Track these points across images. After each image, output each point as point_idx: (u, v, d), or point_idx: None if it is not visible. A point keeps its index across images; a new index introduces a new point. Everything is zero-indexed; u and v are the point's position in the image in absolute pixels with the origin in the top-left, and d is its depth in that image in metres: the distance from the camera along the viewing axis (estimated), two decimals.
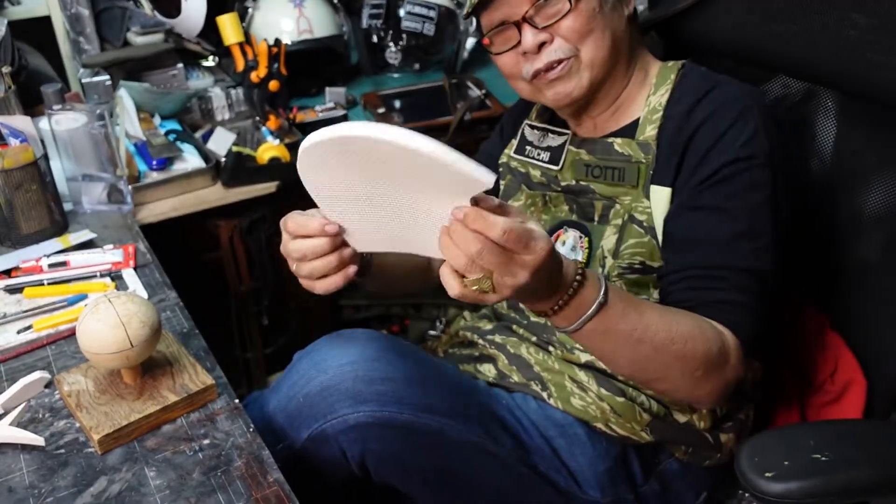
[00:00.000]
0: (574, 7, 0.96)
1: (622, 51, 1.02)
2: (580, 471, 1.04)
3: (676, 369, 0.87)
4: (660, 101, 1.02)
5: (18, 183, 1.22)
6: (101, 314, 0.85)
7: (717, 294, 0.92)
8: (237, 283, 1.69)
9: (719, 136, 0.95)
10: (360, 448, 0.96)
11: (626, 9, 1.02)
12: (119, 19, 1.70)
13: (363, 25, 1.95)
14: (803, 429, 0.96)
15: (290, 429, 0.98)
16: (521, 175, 1.16)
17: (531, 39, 0.98)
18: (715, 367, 0.88)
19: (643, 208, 1.00)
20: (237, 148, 1.53)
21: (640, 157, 1.01)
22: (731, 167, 0.94)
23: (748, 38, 1.12)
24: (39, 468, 0.84)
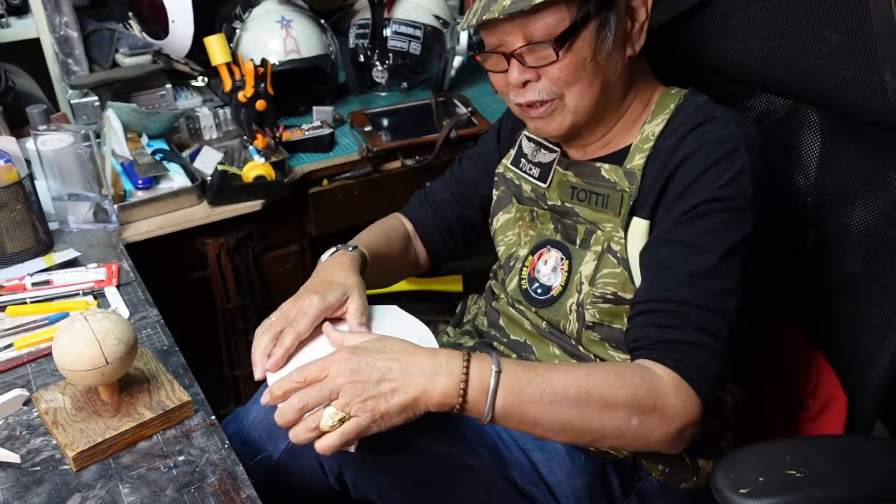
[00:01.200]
0: (560, 59, 0.94)
1: (615, 94, 1.01)
2: (558, 485, 1.04)
3: (607, 422, 0.86)
4: (654, 130, 1.01)
5: (3, 202, 1.23)
6: (76, 332, 0.86)
7: (671, 333, 0.90)
8: (224, 301, 1.69)
9: (701, 173, 0.94)
10: (338, 460, 0.96)
11: (630, 48, 1.00)
12: (107, 41, 1.72)
13: (350, 45, 1.97)
14: (779, 445, 0.95)
15: (268, 440, 0.98)
16: (515, 187, 1.17)
17: (516, 76, 0.98)
18: (648, 411, 0.86)
19: (619, 239, 1.00)
20: (222, 167, 1.54)
21: (625, 186, 1.00)
22: (708, 205, 0.93)
23: (726, 55, 1.13)
24: (14, 485, 0.84)
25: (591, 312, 1.01)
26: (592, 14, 0.93)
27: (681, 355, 0.89)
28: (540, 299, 1.09)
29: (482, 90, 2.09)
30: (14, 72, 1.68)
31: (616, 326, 1.01)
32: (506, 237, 1.18)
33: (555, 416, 0.85)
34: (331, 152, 1.74)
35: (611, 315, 1.01)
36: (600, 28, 0.95)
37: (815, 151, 1.11)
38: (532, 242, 1.14)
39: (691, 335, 0.90)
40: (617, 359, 1.03)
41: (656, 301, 0.93)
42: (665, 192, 0.97)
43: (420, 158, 1.76)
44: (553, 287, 1.07)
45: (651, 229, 0.98)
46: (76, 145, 1.33)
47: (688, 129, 0.98)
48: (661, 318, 0.92)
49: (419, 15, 1.93)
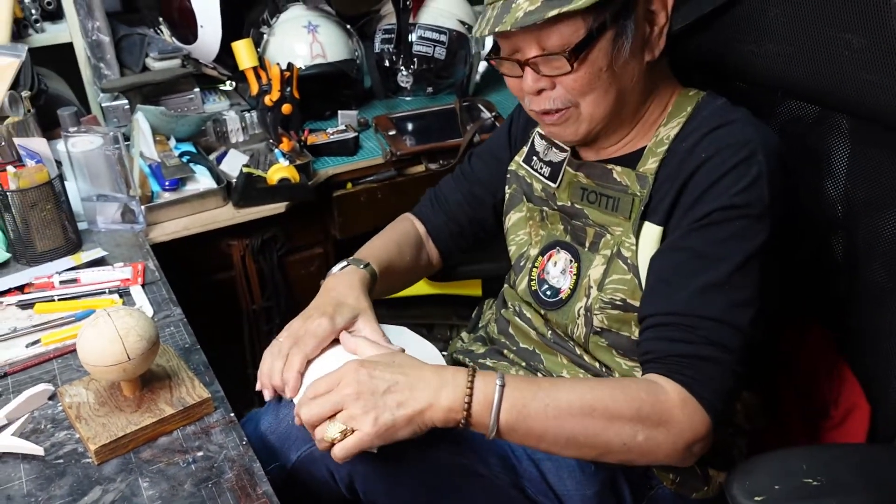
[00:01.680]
0: (575, 70, 0.92)
1: (631, 99, 0.99)
2: (568, 495, 1.03)
3: (612, 436, 0.85)
4: (669, 133, 0.99)
5: (33, 202, 1.26)
6: (99, 328, 0.88)
7: (681, 347, 0.89)
8: (249, 302, 1.72)
9: (717, 179, 0.92)
10: (348, 469, 0.97)
11: (649, 54, 0.97)
12: (138, 45, 1.75)
13: (375, 50, 1.99)
14: (796, 453, 0.94)
15: (281, 450, 1.00)
16: (526, 185, 1.16)
17: (531, 84, 0.97)
18: (654, 425, 0.85)
19: (630, 244, 0.98)
20: (247, 169, 1.57)
21: (636, 190, 0.99)
22: (723, 213, 0.91)
23: (748, 60, 1.12)
24: (38, 477, 0.86)
25: (600, 318, 1.00)
26: (609, 23, 0.91)
27: (690, 370, 0.88)
28: (549, 301, 1.09)
29: (506, 95, 2.09)
30: (47, 75, 1.72)
31: (624, 333, 1.00)
32: (517, 236, 1.17)
33: (559, 430, 0.85)
34: (355, 156, 1.76)
35: (619, 322, 1.00)
36: (616, 37, 0.92)
37: (844, 158, 1.09)
38: (542, 243, 1.13)
39: (702, 349, 0.88)
40: (624, 366, 1.02)
41: (667, 314, 0.91)
42: (680, 198, 0.95)
43: (444, 163, 1.77)
44: (562, 290, 1.07)
45: (664, 236, 0.97)
46: (105, 147, 1.36)
47: (704, 132, 0.96)
48: (671, 331, 0.90)
49: (444, 20, 1.95)
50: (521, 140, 1.21)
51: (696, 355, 0.88)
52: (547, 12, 0.88)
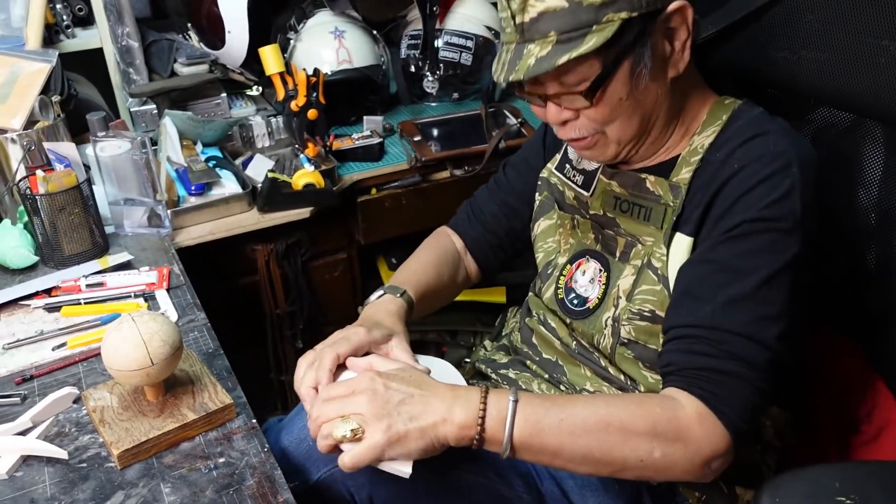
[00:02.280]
0: (594, 104, 0.91)
1: (658, 119, 0.97)
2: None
3: (628, 452, 0.84)
4: (703, 142, 0.97)
5: (62, 206, 1.27)
6: (124, 332, 0.88)
7: (702, 360, 0.87)
8: (272, 307, 1.72)
9: (748, 189, 0.90)
10: (368, 491, 0.97)
11: (672, 71, 0.94)
12: (167, 51, 1.77)
13: (402, 55, 1.99)
14: (829, 470, 0.91)
15: (301, 469, 0.99)
16: (558, 193, 1.15)
17: (554, 116, 0.96)
18: (670, 441, 0.84)
19: (660, 255, 0.97)
20: (273, 174, 1.57)
21: (669, 200, 0.97)
22: (752, 225, 0.89)
23: (780, 67, 1.09)
24: (61, 481, 0.86)
25: (627, 329, 0.99)
26: (624, 55, 0.88)
27: (709, 384, 0.86)
28: (576, 310, 1.07)
29: None
30: (77, 80, 1.74)
31: (651, 346, 0.98)
32: (545, 244, 1.16)
33: (574, 446, 0.84)
34: (380, 161, 1.75)
35: (647, 334, 0.98)
36: (634, 65, 0.90)
37: (878, 167, 1.06)
38: (571, 251, 1.12)
39: (725, 364, 0.86)
40: (650, 379, 1.00)
41: (691, 326, 0.89)
42: (711, 209, 0.93)
43: (469, 169, 1.76)
44: (590, 299, 1.06)
45: (695, 247, 0.94)
46: (133, 152, 1.37)
47: (738, 142, 0.94)
48: (693, 344, 0.88)
49: (471, 26, 1.94)
50: (554, 147, 1.20)
51: (718, 369, 0.86)
52: (557, 59, 0.86)
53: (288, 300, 1.73)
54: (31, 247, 1.31)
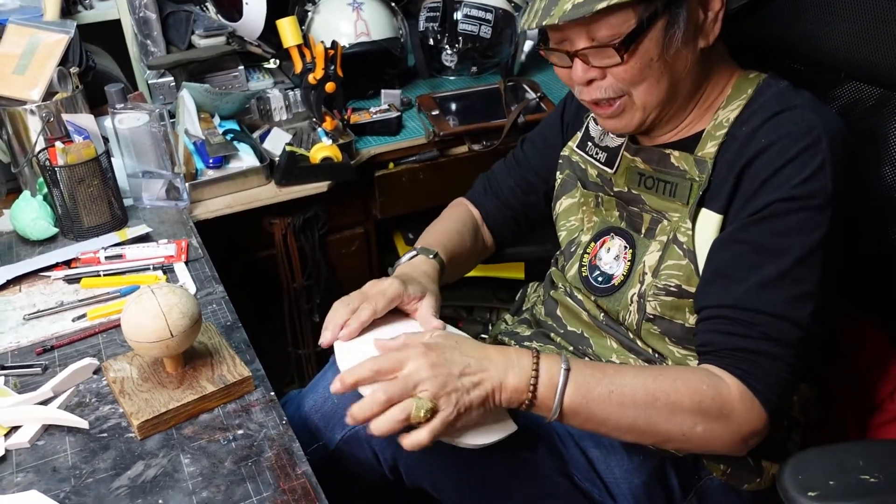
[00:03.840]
0: (625, 60, 0.90)
1: (684, 87, 0.96)
2: (615, 483, 1.01)
3: (672, 427, 0.86)
4: (728, 116, 0.96)
5: (81, 178, 1.27)
6: (143, 304, 0.88)
7: (738, 341, 0.88)
8: (289, 281, 1.72)
9: (778, 169, 0.89)
10: (392, 452, 0.96)
11: (702, 41, 0.93)
12: (184, 23, 1.76)
13: (420, 28, 1.96)
14: (852, 448, 0.90)
15: (325, 429, 0.99)
16: (580, 171, 1.14)
17: (581, 75, 0.94)
18: (714, 418, 0.85)
19: (685, 230, 0.96)
20: (290, 148, 1.56)
21: (695, 175, 0.96)
22: (784, 204, 0.88)
23: (811, 40, 1.07)
24: (82, 450, 0.87)
25: (653, 305, 0.98)
26: (660, 12, 0.88)
27: (746, 364, 0.87)
28: (600, 288, 1.06)
29: (552, 76, 2.05)
30: (95, 52, 1.73)
31: (677, 321, 0.98)
32: (568, 222, 1.15)
33: (621, 417, 0.85)
34: (398, 136, 1.74)
35: (672, 309, 0.97)
36: (668, 26, 0.89)
37: None
38: (595, 229, 1.11)
39: (760, 344, 0.87)
40: (676, 354, 1.00)
41: (724, 307, 0.89)
42: (739, 185, 0.92)
43: (487, 143, 1.74)
44: (615, 276, 1.05)
45: (724, 224, 0.93)
46: (151, 124, 1.36)
47: (766, 116, 0.92)
48: (728, 325, 0.89)
49: None
50: (574, 125, 1.19)
51: (755, 350, 0.87)
52: (596, 5, 0.85)
53: (305, 274, 1.73)
54: (50, 218, 1.31)
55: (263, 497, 0.79)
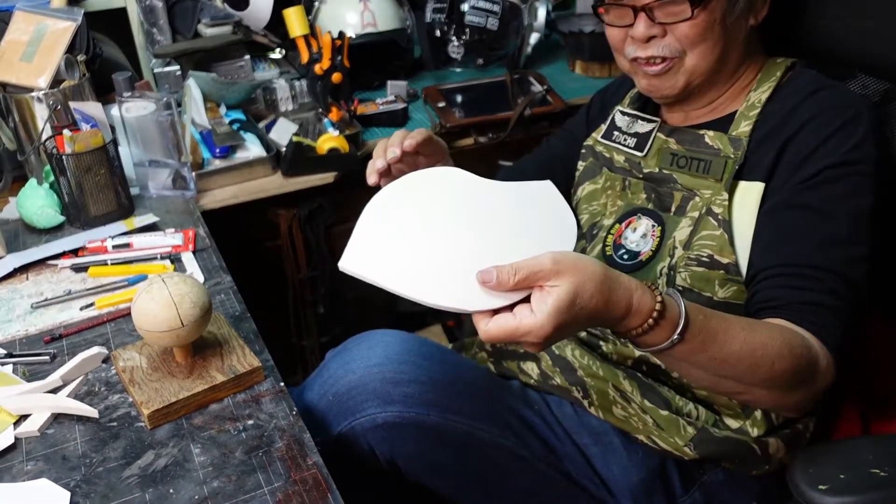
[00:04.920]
0: (695, 16, 0.94)
1: (731, 59, 1.01)
2: (613, 480, 1.02)
3: (762, 387, 0.83)
4: (759, 97, 1.00)
5: (88, 166, 1.26)
6: (154, 293, 0.88)
7: (807, 294, 0.87)
8: (295, 271, 1.72)
9: (826, 138, 0.92)
10: (389, 447, 0.97)
11: (753, 18, 1.00)
12: (190, 11, 1.75)
13: (427, 19, 1.95)
14: (863, 442, 0.91)
15: (322, 425, 0.99)
16: (605, 159, 1.16)
17: (642, 31, 0.98)
18: (802, 381, 0.84)
19: (721, 201, 0.98)
20: (297, 138, 1.56)
21: (730, 153, 0.99)
22: (837, 170, 0.91)
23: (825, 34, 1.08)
24: (92, 439, 0.87)
25: (683, 276, 0.98)
26: None
27: (815, 317, 0.86)
28: (626, 265, 1.06)
29: (558, 68, 2.05)
30: (102, 40, 1.72)
31: (706, 294, 0.97)
32: (590, 206, 1.17)
33: (717, 372, 0.81)
34: (404, 127, 1.73)
35: (702, 280, 0.97)
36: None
37: None
38: (619, 212, 1.12)
39: (825, 298, 0.87)
40: None
41: (788, 265, 0.89)
42: (782, 157, 0.95)
43: (493, 136, 1.74)
44: (642, 252, 1.05)
45: (766, 192, 0.95)
46: (158, 113, 1.36)
47: (804, 94, 0.97)
48: (795, 280, 0.88)
49: None
50: (598, 119, 1.23)
51: (821, 304, 0.87)
52: None
53: (310, 266, 1.73)
54: (57, 207, 1.31)
55: (275, 487, 0.79)
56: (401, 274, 0.76)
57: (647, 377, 1.03)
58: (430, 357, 1.03)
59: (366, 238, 0.80)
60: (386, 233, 0.80)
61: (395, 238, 0.79)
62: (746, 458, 0.99)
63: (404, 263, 0.77)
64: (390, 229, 0.80)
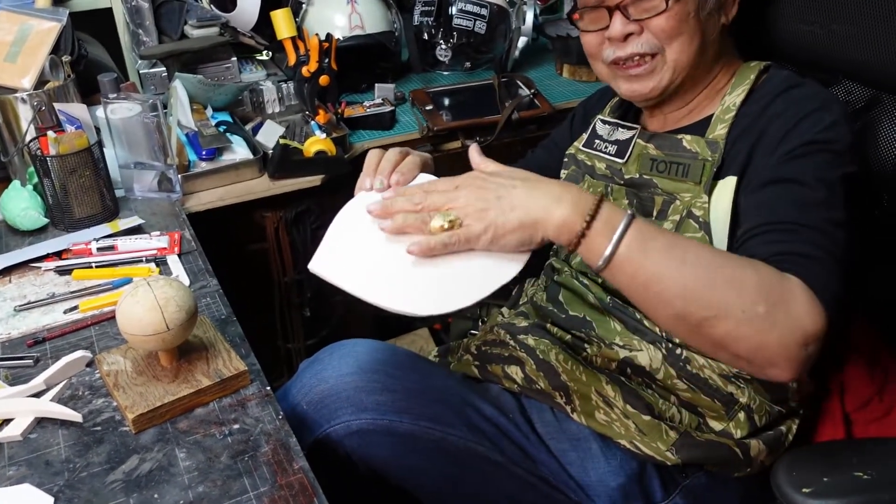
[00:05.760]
0: (669, 8, 0.96)
1: (708, 57, 1.03)
2: (591, 485, 1.02)
3: (733, 299, 0.76)
4: (734, 101, 1.02)
5: (73, 168, 1.26)
6: (139, 297, 0.87)
7: (787, 246, 0.84)
8: (281, 274, 1.71)
9: (797, 122, 0.94)
10: (364, 453, 0.98)
11: (724, 17, 1.02)
12: (177, 12, 1.74)
13: (414, 22, 1.96)
14: (846, 445, 0.92)
15: (297, 433, 0.99)
16: (587, 167, 1.17)
17: (619, 28, 0.99)
18: (776, 302, 0.76)
19: (701, 203, 0.99)
20: (284, 140, 1.55)
21: (707, 156, 1.00)
22: (808, 147, 0.92)
23: (808, 40, 1.10)
24: (76, 444, 0.86)
25: (660, 226, 0.99)
26: None
27: (799, 266, 0.81)
28: None
29: (546, 72, 2.05)
30: (87, 41, 1.71)
31: None
32: None
33: (677, 276, 0.77)
34: (391, 130, 1.73)
35: None
36: None
37: (894, 143, 1.07)
38: None
39: (806, 248, 0.83)
40: None
41: (766, 224, 0.88)
42: (755, 149, 0.96)
43: (481, 139, 1.74)
44: None
45: (739, 183, 0.96)
46: (144, 115, 1.35)
47: (775, 94, 0.98)
48: (773, 236, 0.86)
49: None
50: (580, 129, 1.24)
51: (802, 253, 0.83)
52: None
53: (296, 268, 1.72)
54: (41, 209, 1.30)
55: (261, 492, 0.79)
56: (364, 280, 0.80)
57: (631, 381, 1.03)
58: (402, 366, 1.04)
59: (335, 243, 0.85)
60: (355, 239, 0.84)
61: (363, 245, 0.84)
62: (728, 461, 0.99)
63: (368, 270, 0.82)
64: (359, 236, 0.85)
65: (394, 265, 0.82)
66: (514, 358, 1.10)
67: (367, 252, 0.84)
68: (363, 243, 0.84)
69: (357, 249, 0.84)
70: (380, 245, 0.83)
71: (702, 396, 0.99)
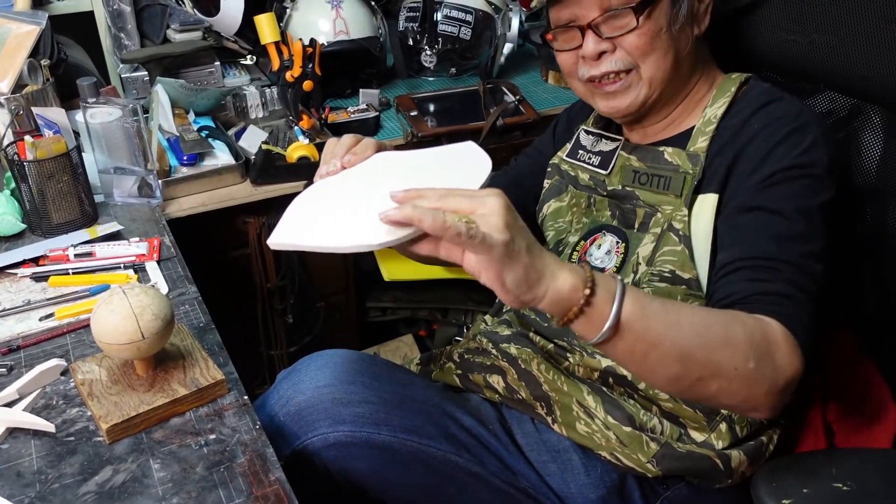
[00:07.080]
0: (640, 25, 0.96)
1: (684, 70, 1.03)
2: (570, 497, 1.02)
3: (727, 357, 0.77)
4: (715, 113, 1.01)
5: (50, 173, 1.24)
6: (114, 305, 0.86)
7: (765, 286, 0.85)
8: (263, 281, 1.70)
9: (775, 145, 0.94)
10: (342, 465, 0.97)
11: (696, 28, 1.02)
12: (159, 16, 1.72)
13: (399, 28, 1.95)
14: (825, 456, 0.92)
15: (275, 445, 0.98)
16: (570, 177, 1.17)
17: (592, 47, 0.99)
18: (763, 354, 0.78)
19: (681, 217, 0.99)
20: (266, 146, 1.54)
21: (688, 168, 1.00)
22: (787, 172, 0.92)
23: (790, 50, 1.10)
24: (48, 454, 0.85)
25: (646, 292, 0.98)
26: None
27: (777, 307, 0.83)
28: None
29: (531, 78, 2.05)
30: (67, 44, 1.69)
31: None
32: (556, 223, 1.17)
33: (677, 338, 0.76)
34: (375, 136, 1.72)
35: (665, 296, 0.97)
36: (674, 1, 0.97)
37: (876, 153, 1.07)
38: (584, 229, 1.12)
39: (785, 288, 0.85)
40: None
41: (745, 259, 0.88)
42: (734, 167, 0.96)
43: None
44: (606, 269, 1.05)
45: (720, 203, 0.96)
46: (124, 119, 1.33)
47: (755, 107, 0.98)
48: (752, 273, 0.87)
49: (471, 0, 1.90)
50: (564, 138, 1.24)
51: (782, 293, 0.84)
52: None
53: (279, 274, 1.71)
54: (18, 214, 1.28)
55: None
56: (318, 232, 0.79)
57: (613, 391, 1.03)
58: (380, 376, 1.04)
59: (291, 217, 0.84)
60: (311, 210, 0.84)
61: (320, 209, 0.83)
62: (709, 472, 0.99)
63: (322, 225, 0.80)
64: (316, 207, 0.84)
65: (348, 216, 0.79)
66: (496, 367, 1.09)
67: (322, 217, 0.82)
68: (317, 212, 0.83)
69: (311, 217, 0.82)
70: (334, 209, 0.82)
71: (683, 407, 0.99)
